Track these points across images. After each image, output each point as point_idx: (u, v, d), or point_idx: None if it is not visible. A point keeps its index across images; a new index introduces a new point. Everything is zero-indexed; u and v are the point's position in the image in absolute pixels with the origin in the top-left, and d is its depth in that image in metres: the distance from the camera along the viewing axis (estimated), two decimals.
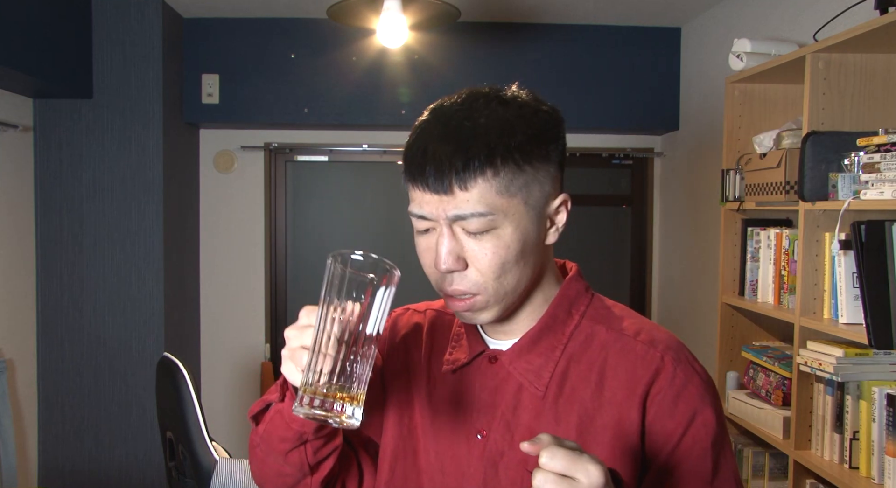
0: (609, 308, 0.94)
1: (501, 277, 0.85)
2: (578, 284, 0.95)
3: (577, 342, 0.90)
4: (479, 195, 0.81)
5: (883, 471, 1.78)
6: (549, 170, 0.86)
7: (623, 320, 0.92)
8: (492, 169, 0.81)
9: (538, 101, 0.89)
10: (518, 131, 0.83)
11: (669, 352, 0.88)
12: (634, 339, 0.89)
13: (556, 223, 0.90)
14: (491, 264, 0.84)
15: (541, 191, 0.86)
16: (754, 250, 2.39)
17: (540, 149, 0.85)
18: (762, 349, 2.38)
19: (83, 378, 3.09)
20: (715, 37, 3.13)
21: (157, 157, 3.07)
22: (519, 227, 0.84)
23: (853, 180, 1.84)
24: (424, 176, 0.84)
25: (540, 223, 0.87)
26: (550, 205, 0.87)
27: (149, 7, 3.04)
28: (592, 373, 0.88)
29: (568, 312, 0.92)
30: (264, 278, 3.68)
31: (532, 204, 0.85)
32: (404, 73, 3.41)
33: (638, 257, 3.85)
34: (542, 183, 0.85)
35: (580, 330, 0.91)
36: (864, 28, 1.79)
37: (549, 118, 0.87)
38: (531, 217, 0.85)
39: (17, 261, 2.93)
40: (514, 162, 0.82)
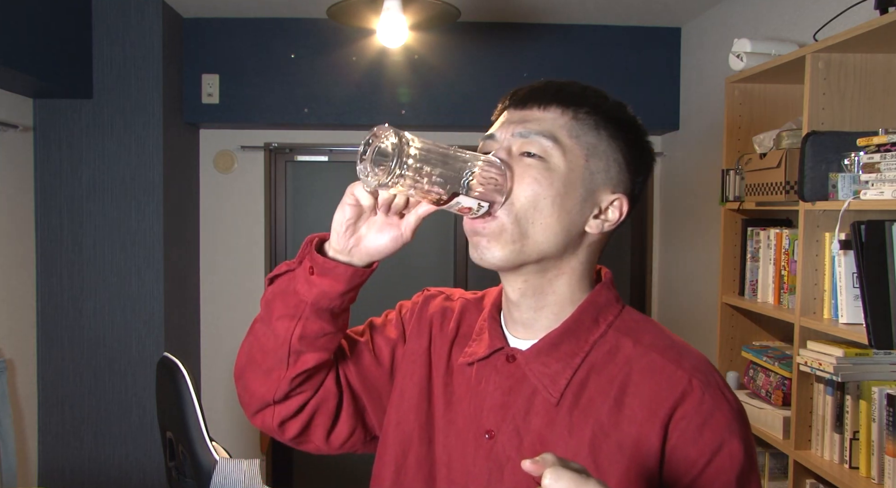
0: (639, 321, 0.90)
1: (529, 211, 0.83)
2: (609, 293, 0.91)
3: (600, 352, 0.86)
4: (552, 121, 0.84)
5: (883, 471, 1.79)
6: (622, 164, 0.88)
7: (652, 335, 0.87)
8: (574, 109, 0.85)
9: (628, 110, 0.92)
10: (604, 102, 0.88)
11: (699, 374, 0.82)
12: (662, 357, 0.84)
13: (605, 215, 0.88)
14: (526, 189, 0.83)
15: (603, 170, 0.86)
16: (754, 250, 2.39)
17: (626, 142, 0.87)
18: (762, 349, 2.38)
19: (83, 378, 3.09)
20: (715, 37, 3.13)
21: (157, 157, 3.07)
22: (569, 174, 0.84)
23: (853, 180, 1.84)
24: (516, 94, 0.90)
25: (588, 198, 0.86)
26: (605, 192, 0.87)
27: (149, 7, 3.04)
28: (613, 387, 0.83)
29: (594, 319, 0.88)
30: (264, 278, 3.68)
31: (591, 169, 0.85)
32: (404, 73, 3.41)
33: (638, 257, 3.85)
34: (609, 165, 0.87)
35: (605, 340, 0.87)
36: (864, 28, 1.79)
37: (646, 145, 0.91)
38: (584, 180, 0.85)
39: (17, 261, 2.93)
40: (596, 122, 0.86)
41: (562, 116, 0.85)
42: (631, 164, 0.88)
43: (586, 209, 0.86)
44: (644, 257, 3.84)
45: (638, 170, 0.90)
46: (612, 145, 0.87)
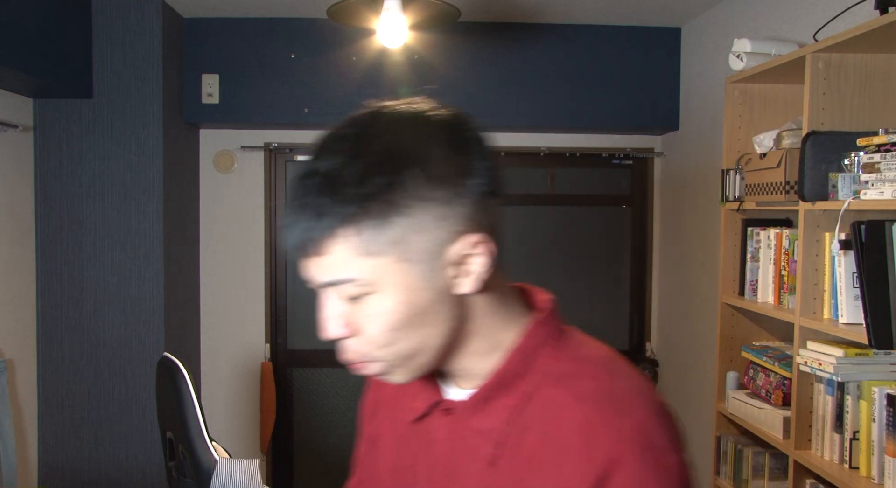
0: (579, 361, 0.79)
1: (392, 345, 0.74)
2: (545, 330, 0.80)
3: (534, 407, 0.76)
4: (339, 259, 0.70)
5: (883, 471, 1.78)
6: (441, 211, 0.71)
7: (590, 383, 0.75)
8: (346, 227, 0.69)
9: (432, 123, 0.75)
10: (380, 174, 0.70)
11: (633, 435, 0.71)
12: (598, 413, 0.72)
13: (468, 270, 0.74)
14: (375, 332, 0.73)
15: (428, 240, 0.71)
16: (754, 250, 2.39)
17: (418, 189, 0.70)
18: (762, 349, 2.38)
19: (83, 378, 3.09)
20: (715, 37, 3.13)
21: (157, 157, 3.07)
22: (400, 289, 0.71)
23: (853, 180, 1.84)
24: (284, 238, 0.74)
25: (435, 276, 0.72)
26: (448, 252, 0.72)
27: (149, 7, 3.04)
28: (548, 448, 0.73)
29: (527, 365, 0.78)
30: (264, 278, 3.68)
31: (415, 258, 0.71)
32: (404, 73, 3.41)
33: (638, 257, 3.85)
34: (427, 230, 0.71)
35: (539, 390, 0.76)
36: (864, 28, 1.79)
37: (450, 148, 0.73)
38: (417, 273, 0.71)
39: (17, 261, 2.93)
40: (377, 214, 0.69)
41: (343, 244, 0.70)
42: (452, 197, 0.72)
43: (442, 284, 0.73)
44: (644, 257, 3.84)
45: (469, 187, 0.73)
46: (412, 211, 0.70)
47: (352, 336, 0.75)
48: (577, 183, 3.83)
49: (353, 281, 0.71)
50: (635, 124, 3.55)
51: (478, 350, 0.79)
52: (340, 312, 0.74)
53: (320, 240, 0.70)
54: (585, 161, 3.77)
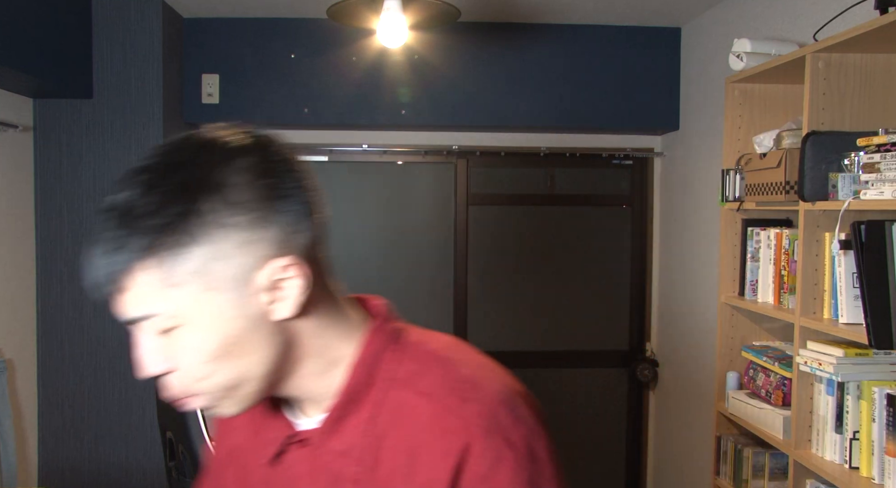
0: (420, 359, 0.79)
1: (210, 377, 0.72)
2: (382, 336, 0.80)
3: (386, 413, 0.76)
4: (142, 293, 0.69)
5: (883, 471, 1.79)
6: (243, 237, 0.70)
7: (433, 379, 0.76)
8: (145, 260, 0.68)
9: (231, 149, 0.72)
10: (175, 203, 0.68)
11: (479, 420, 0.73)
12: (443, 406, 0.74)
13: (282, 295, 0.72)
14: (190, 365, 0.71)
15: (232, 268, 0.70)
16: (754, 250, 2.39)
17: (216, 216, 0.69)
18: (762, 349, 2.38)
19: (83, 378, 3.09)
20: (715, 37, 3.13)
21: None
22: (209, 319, 0.70)
23: (853, 180, 1.84)
24: (84, 277, 0.73)
25: (246, 304, 0.71)
26: (257, 278, 0.70)
27: (149, 7, 3.04)
28: (406, 453, 0.74)
29: (371, 375, 0.77)
30: None
31: (221, 286, 0.70)
32: (404, 73, 3.41)
33: (638, 257, 3.85)
34: (230, 257, 0.69)
35: (388, 397, 0.76)
36: (864, 28, 1.79)
37: (252, 171, 0.71)
38: (225, 302, 0.70)
39: (17, 261, 2.93)
40: (174, 244, 0.68)
41: (141, 278, 0.69)
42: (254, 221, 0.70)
43: (255, 311, 0.71)
44: (644, 257, 3.84)
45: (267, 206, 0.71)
46: (211, 239, 0.69)
47: (170, 371, 0.72)
48: (577, 183, 3.83)
49: (159, 315, 0.70)
50: (635, 124, 3.55)
51: (314, 371, 0.77)
52: (155, 348, 0.72)
53: (120, 276, 0.69)
54: (585, 161, 3.77)
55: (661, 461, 3.77)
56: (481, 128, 3.60)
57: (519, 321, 3.83)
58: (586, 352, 3.87)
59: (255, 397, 0.76)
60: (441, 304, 3.77)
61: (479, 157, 3.73)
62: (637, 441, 3.91)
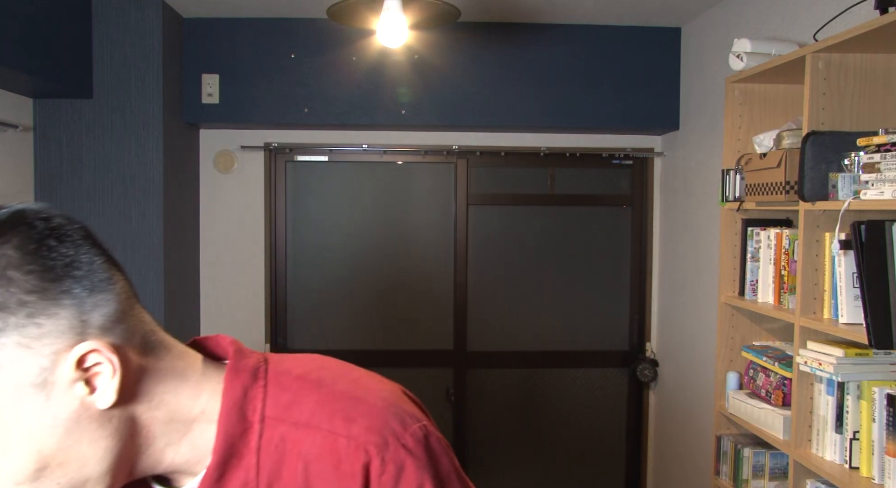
0: (291, 388, 0.73)
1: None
2: (242, 376, 0.72)
3: (269, 455, 0.70)
4: None
5: (883, 471, 1.78)
6: (23, 338, 0.60)
7: (310, 406, 0.71)
8: None
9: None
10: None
11: (371, 435, 0.70)
12: (330, 432, 0.70)
13: (96, 384, 0.63)
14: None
15: (18, 376, 0.60)
16: (754, 250, 2.39)
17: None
18: (762, 349, 2.38)
19: None
20: (715, 37, 3.13)
21: (157, 157, 3.07)
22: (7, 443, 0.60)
23: (853, 180, 1.84)
24: None
25: (56, 408, 0.61)
26: (56, 376, 0.61)
27: (149, 7, 3.04)
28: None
29: (243, 420, 0.70)
30: (264, 278, 3.68)
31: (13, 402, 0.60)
32: (404, 72, 3.41)
33: (638, 257, 3.85)
34: (14, 365, 0.59)
35: (267, 438, 0.70)
36: (864, 28, 1.79)
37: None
38: (24, 416, 0.60)
39: None
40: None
41: None
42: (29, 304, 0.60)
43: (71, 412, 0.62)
44: (644, 257, 3.84)
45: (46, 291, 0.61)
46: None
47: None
48: (577, 183, 3.83)
49: None
50: (635, 124, 3.55)
51: (170, 442, 0.70)
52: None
53: None
54: (585, 161, 3.77)
55: (661, 461, 3.77)
56: (481, 128, 3.60)
57: (519, 321, 3.83)
58: (586, 352, 3.87)
59: (126, 476, 0.68)
60: (441, 304, 3.77)
61: (479, 157, 3.73)
62: (637, 441, 3.91)
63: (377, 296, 3.78)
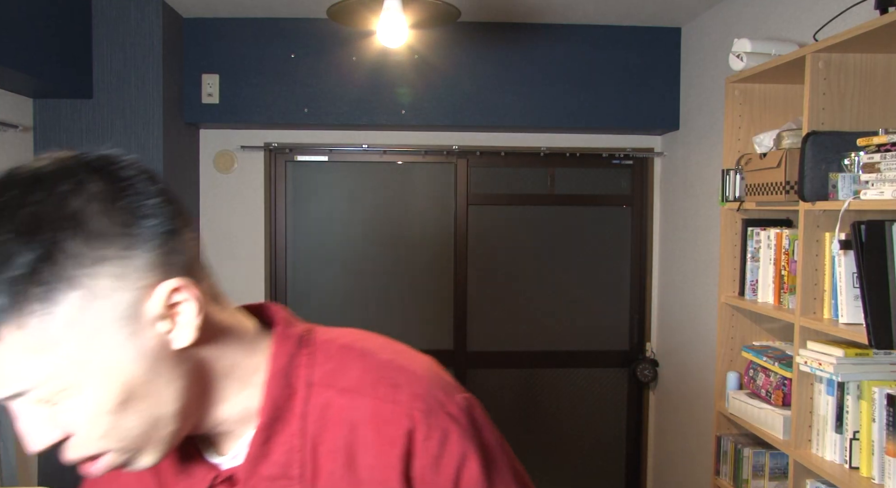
0: (336, 356, 0.74)
1: (116, 430, 0.63)
2: (289, 342, 0.74)
3: (313, 419, 0.71)
4: (6, 367, 0.59)
5: (883, 471, 1.79)
6: (116, 270, 0.61)
7: (355, 373, 0.73)
8: (2, 326, 0.58)
9: (74, 173, 0.62)
10: (25, 251, 0.57)
11: (417, 402, 0.71)
12: (374, 398, 0.71)
13: (178, 322, 0.65)
14: (89, 426, 0.62)
15: (113, 308, 0.61)
16: (754, 250, 2.39)
17: (78, 255, 0.59)
18: (762, 349, 2.38)
19: None
20: (715, 37, 3.13)
21: (157, 157, 3.07)
22: (100, 372, 0.61)
23: (853, 180, 1.84)
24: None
25: (139, 342, 0.63)
26: (147, 309, 0.63)
27: (149, 7, 3.04)
28: (344, 454, 0.71)
29: (289, 386, 0.72)
30: (264, 278, 3.68)
31: (104, 332, 0.61)
32: (404, 73, 3.41)
33: (638, 257, 3.85)
34: (107, 297, 0.61)
35: (312, 403, 0.72)
36: (864, 28, 1.79)
37: (102, 197, 0.62)
38: (114, 347, 0.61)
39: None
40: (36, 299, 0.58)
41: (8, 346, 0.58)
42: (125, 252, 0.62)
43: (151, 348, 0.64)
44: (644, 257, 3.84)
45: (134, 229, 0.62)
46: (80, 284, 0.59)
47: (66, 438, 0.63)
48: (577, 183, 3.83)
49: (36, 387, 0.59)
50: (635, 124, 3.55)
51: (229, 395, 0.71)
52: (41, 418, 0.62)
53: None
54: (585, 161, 3.77)
55: (661, 461, 3.77)
56: (481, 128, 3.60)
57: (519, 321, 3.83)
58: (586, 352, 3.87)
59: (172, 440, 0.68)
60: (441, 304, 3.77)
61: (479, 157, 3.73)
62: (637, 441, 3.91)
63: (377, 296, 3.78)
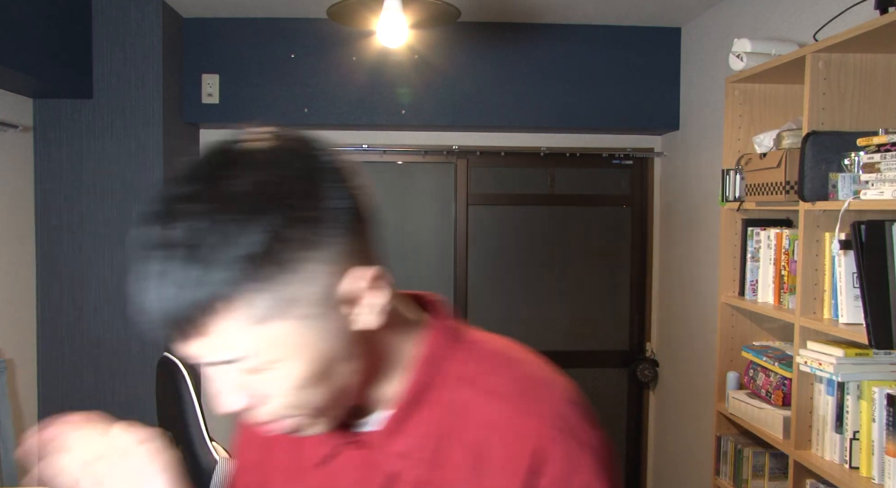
0: (484, 358, 0.76)
1: (308, 399, 0.68)
2: (444, 335, 0.76)
3: (448, 412, 0.73)
4: (225, 336, 0.62)
5: (883, 471, 1.79)
6: (322, 255, 0.64)
7: (500, 379, 0.74)
8: (226, 300, 0.61)
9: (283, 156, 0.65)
10: (248, 231, 0.60)
11: (555, 421, 0.71)
12: (513, 407, 0.72)
13: (367, 305, 0.68)
14: (285, 396, 0.67)
15: (318, 289, 0.64)
16: (754, 250, 2.39)
17: (291, 236, 0.62)
18: (762, 349, 2.38)
19: (83, 378, 3.09)
20: (715, 37, 3.13)
21: (157, 157, 3.07)
22: (301, 348, 0.65)
23: (853, 180, 1.84)
24: (147, 322, 0.64)
25: (335, 322, 0.66)
26: (339, 292, 0.66)
27: (149, 7, 3.04)
28: (472, 453, 0.71)
29: (436, 375, 0.74)
30: None
31: (309, 312, 0.64)
32: (404, 72, 3.41)
33: (638, 257, 3.85)
34: (314, 279, 0.64)
35: (452, 396, 0.73)
36: (864, 28, 1.79)
37: (307, 182, 0.64)
38: (315, 325, 0.65)
39: (17, 261, 2.93)
40: (258, 276, 0.61)
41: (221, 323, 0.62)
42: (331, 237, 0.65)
43: (343, 327, 0.67)
44: (644, 257, 3.84)
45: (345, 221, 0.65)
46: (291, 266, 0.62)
47: (256, 405, 0.68)
48: (577, 183, 3.83)
49: (247, 357, 0.63)
50: (635, 124, 3.55)
51: (384, 376, 0.75)
52: (238, 385, 0.66)
53: (198, 320, 0.61)
54: (585, 161, 3.77)
55: (661, 461, 3.77)
56: (481, 128, 3.60)
57: (519, 321, 3.83)
58: (586, 351, 3.87)
59: (343, 412, 0.73)
60: None
61: (479, 157, 3.73)
62: (637, 441, 3.91)
63: None
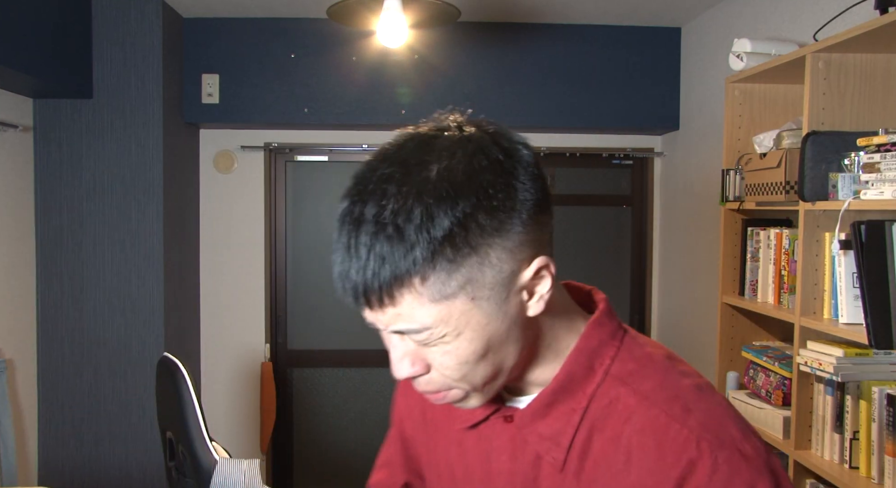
0: (640, 359, 0.77)
1: (471, 373, 0.72)
2: (603, 330, 0.79)
3: (599, 406, 0.75)
4: (409, 308, 0.68)
5: (883, 471, 1.79)
6: (507, 243, 0.68)
7: (655, 382, 0.75)
8: (416, 275, 0.66)
9: (475, 144, 0.70)
10: (442, 214, 0.65)
11: (708, 434, 0.70)
12: (666, 413, 0.72)
13: (537, 293, 0.72)
14: (452, 368, 0.72)
15: (498, 274, 0.69)
16: (754, 250, 2.39)
17: (481, 223, 0.67)
18: (762, 349, 2.38)
19: (83, 378, 3.09)
20: (715, 37, 3.13)
21: (157, 157, 3.07)
22: (474, 327, 0.70)
23: (853, 180, 1.84)
24: (341, 288, 0.70)
25: (507, 306, 0.71)
26: (519, 279, 0.70)
27: (149, 7, 3.04)
28: (618, 451, 0.73)
29: (589, 367, 0.77)
30: (264, 278, 3.68)
31: (487, 294, 0.69)
32: (404, 72, 3.41)
33: (638, 257, 3.85)
34: (495, 265, 0.68)
35: (603, 391, 0.75)
36: (864, 28, 1.79)
37: (501, 171, 0.69)
38: (490, 307, 0.70)
39: (17, 261, 2.93)
40: (446, 257, 0.66)
41: (411, 295, 0.67)
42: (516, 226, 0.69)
43: (515, 311, 0.72)
44: (644, 257, 3.84)
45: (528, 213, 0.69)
46: (480, 248, 0.67)
47: (426, 373, 0.73)
48: (577, 183, 3.83)
49: (427, 329, 0.69)
50: (635, 124, 3.55)
51: (543, 361, 0.78)
52: (412, 352, 0.72)
53: (389, 291, 0.67)
54: (585, 161, 3.77)
55: None
56: None
57: None
58: None
59: (498, 389, 0.77)
60: None
61: None
62: None
63: None
